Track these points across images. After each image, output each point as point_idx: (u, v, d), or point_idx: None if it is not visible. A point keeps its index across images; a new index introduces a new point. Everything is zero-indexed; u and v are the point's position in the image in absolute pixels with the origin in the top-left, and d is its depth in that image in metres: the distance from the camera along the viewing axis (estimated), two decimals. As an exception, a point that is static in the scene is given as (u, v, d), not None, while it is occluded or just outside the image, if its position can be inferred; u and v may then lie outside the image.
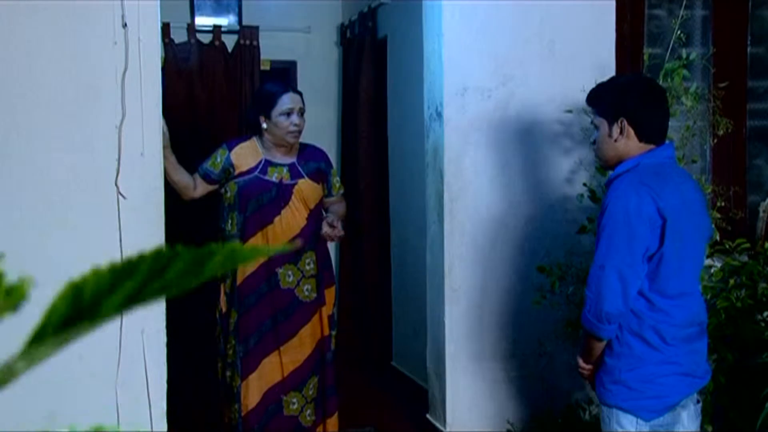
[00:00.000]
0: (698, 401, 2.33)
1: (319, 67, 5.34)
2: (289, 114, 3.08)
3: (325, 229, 3.17)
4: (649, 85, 2.35)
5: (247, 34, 4.96)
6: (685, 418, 2.25)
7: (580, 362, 2.36)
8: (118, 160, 2.73)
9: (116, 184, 2.72)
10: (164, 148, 2.85)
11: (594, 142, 2.37)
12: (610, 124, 2.26)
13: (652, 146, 2.25)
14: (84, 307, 0.35)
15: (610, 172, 2.31)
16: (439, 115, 3.34)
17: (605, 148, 2.30)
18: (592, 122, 2.37)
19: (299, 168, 3.16)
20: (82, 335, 0.36)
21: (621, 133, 2.24)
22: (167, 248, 0.35)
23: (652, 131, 2.25)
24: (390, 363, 4.81)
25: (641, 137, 2.24)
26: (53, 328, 0.35)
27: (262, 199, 3.08)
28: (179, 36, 4.82)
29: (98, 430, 0.35)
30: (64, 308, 0.35)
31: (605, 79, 2.48)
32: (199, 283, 0.37)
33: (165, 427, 2.81)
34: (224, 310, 3.15)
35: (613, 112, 2.26)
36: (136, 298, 0.35)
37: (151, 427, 2.75)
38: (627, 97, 2.27)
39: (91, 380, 2.72)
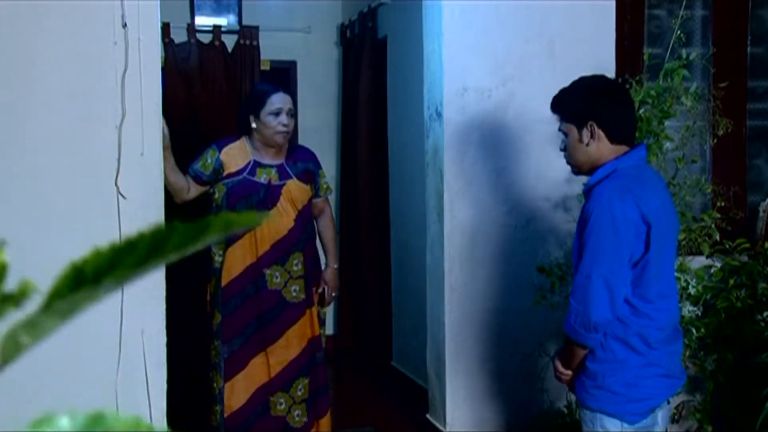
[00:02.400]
0: (667, 402, 2.33)
1: (319, 67, 5.35)
2: (277, 114, 3.07)
3: (326, 300, 3.34)
4: (613, 86, 2.33)
5: (247, 34, 4.97)
6: (660, 418, 2.26)
7: (559, 367, 2.34)
8: (118, 160, 2.73)
9: (116, 184, 2.72)
10: (164, 149, 2.85)
11: (564, 149, 2.33)
12: (580, 129, 2.24)
13: (625, 148, 2.23)
14: (86, 283, 0.36)
15: (588, 179, 2.27)
16: (439, 115, 3.34)
17: (577, 153, 2.27)
18: (559, 129, 2.33)
19: (288, 169, 3.16)
20: (84, 306, 0.37)
21: (592, 136, 2.22)
22: (165, 225, 0.37)
23: (623, 132, 2.23)
24: (390, 363, 4.81)
25: (612, 139, 2.22)
26: (56, 301, 0.35)
27: (251, 201, 3.07)
28: (179, 36, 4.82)
29: (98, 415, 0.36)
30: (66, 286, 0.35)
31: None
32: (196, 250, 0.38)
33: (165, 426, 2.81)
34: (209, 310, 3.15)
35: (580, 116, 2.23)
36: (137, 271, 0.37)
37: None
38: (593, 99, 2.24)
39: (91, 380, 2.72)
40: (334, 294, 3.35)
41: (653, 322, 2.19)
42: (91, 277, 0.35)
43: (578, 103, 2.26)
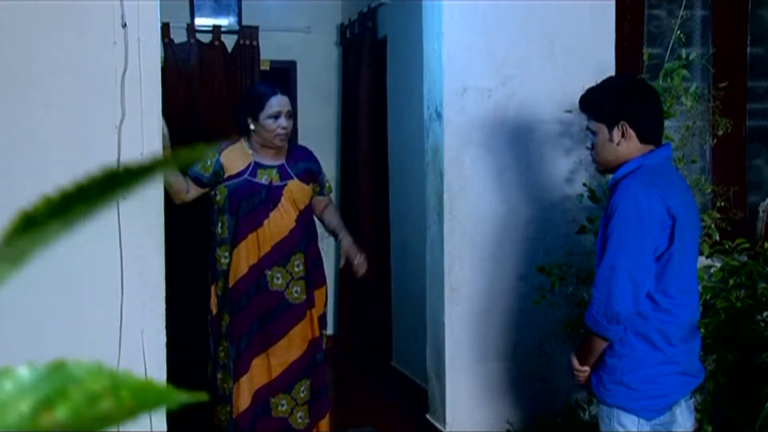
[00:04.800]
0: (690, 397, 2.35)
1: (319, 67, 5.34)
2: (276, 117, 3.07)
3: (355, 267, 3.23)
4: (643, 86, 2.35)
5: (247, 34, 4.97)
6: (678, 415, 2.28)
7: (576, 364, 2.33)
8: (118, 159, 2.73)
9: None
10: (164, 148, 2.85)
11: (591, 147, 2.35)
12: (610, 129, 2.24)
13: (651, 147, 2.25)
14: (34, 226, 0.36)
15: (613, 174, 2.28)
16: (439, 115, 3.34)
17: (606, 152, 2.27)
18: (587, 128, 2.35)
19: (288, 169, 3.16)
20: (33, 251, 0.37)
21: (623, 136, 2.23)
22: (116, 168, 0.36)
23: (653, 131, 2.25)
24: (390, 363, 4.81)
25: (642, 139, 2.24)
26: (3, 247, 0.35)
27: (253, 202, 3.07)
28: (179, 36, 4.82)
29: (59, 363, 0.36)
30: (16, 232, 0.35)
31: (600, 81, 2.46)
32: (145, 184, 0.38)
33: (165, 427, 2.81)
34: (214, 312, 3.14)
35: (612, 116, 2.24)
36: (86, 213, 0.37)
37: (151, 428, 2.75)
38: (625, 100, 2.26)
39: (91, 380, 2.72)
40: (359, 261, 3.22)
41: (673, 318, 2.20)
42: (41, 222, 0.35)
43: (610, 103, 2.26)
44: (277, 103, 3.08)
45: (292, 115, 3.16)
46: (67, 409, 0.35)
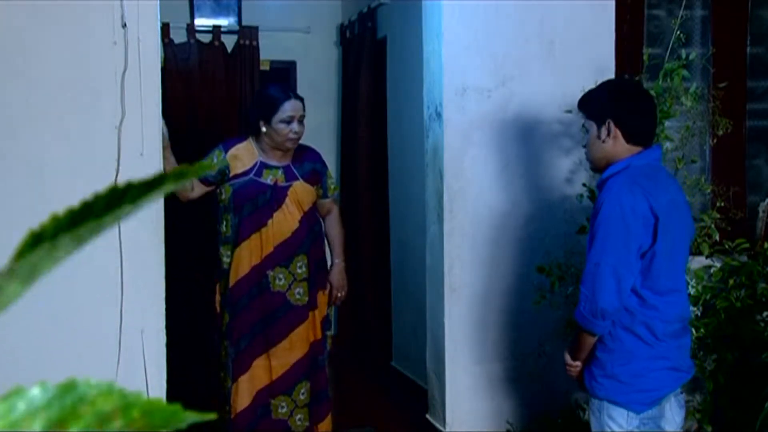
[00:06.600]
0: (681, 392, 2.41)
1: (319, 67, 5.34)
2: (289, 121, 3.08)
3: (332, 299, 3.33)
4: (636, 89, 2.45)
5: (247, 34, 4.96)
6: (667, 410, 2.34)
7: (568, 359, 2.42)
8: (118, 159, 2.73)
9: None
10: (164, 148, 2.85)
11: (585, 145, 2.45)
12: (599, 126, 2.34)
13: (640, 148, 2.32)
14: (43, 242, 0.36)
15: (602, 174, 2.37)
16: (439, 115, 3.34)
17: (594, 149, 2.38)
18: (583, 125, 2.45)
19: (294, 170, 3.15)
20: (44, 267, 0.37)
21: (608, 134, 2.31)
22: (121, 184, 0.37)
23: (639, 133, 2.32)
24: (390, 363, 4.81)
25: (628, 139, 2.31)
26: (15, 264, 0.36)
27: (257, 202, 3.07)
28: (179, 36, 4.82)
29: (70, 383, 0.37)
30: (26, 250, 0.36)
31: (603, 80, 2.56)
32: (151, 202, 0.38)
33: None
34: (218, 310, 3.14)
35: (600, 114, 2.34)
36: (94, 229, 0.37)
37: (151, 427, 2.75)
38: (614, 99, 2.35)
39: (91, 380, 2.72)
40: (340, 294, 3.32)
41: (660, 314, 2.26)
42: (50, 237, 0.35)
43: (600, 101, 2.37)
44: (291, 107, 3.08)
45: (304, 117, 3.16)
46: (79, 428, 0.35)
